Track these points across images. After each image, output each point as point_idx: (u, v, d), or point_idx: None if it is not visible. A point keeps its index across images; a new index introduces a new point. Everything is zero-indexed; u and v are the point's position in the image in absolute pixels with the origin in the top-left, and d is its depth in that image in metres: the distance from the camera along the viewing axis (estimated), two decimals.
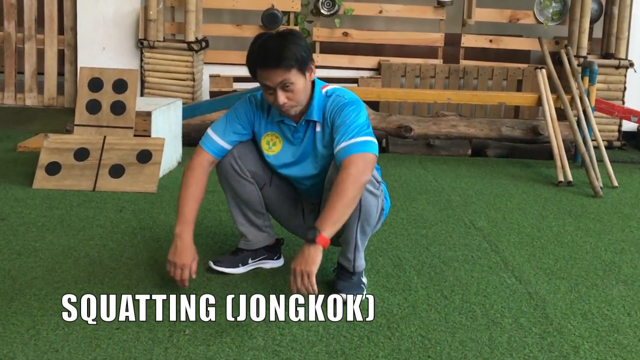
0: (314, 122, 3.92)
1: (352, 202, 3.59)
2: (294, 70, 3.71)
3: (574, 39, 8.19)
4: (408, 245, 4.80)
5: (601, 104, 7.54)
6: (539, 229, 5.25)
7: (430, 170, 6.93)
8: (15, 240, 4.63)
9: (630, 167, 7.45)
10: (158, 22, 8.19)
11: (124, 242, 4.66)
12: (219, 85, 8.05)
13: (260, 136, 4.03)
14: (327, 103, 3.87)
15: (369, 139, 3.72)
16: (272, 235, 4.30)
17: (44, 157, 5.88)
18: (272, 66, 3.69)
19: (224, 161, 4.03)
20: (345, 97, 3.87)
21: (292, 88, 3.73)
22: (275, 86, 3.72)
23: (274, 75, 3.70)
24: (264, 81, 3.75)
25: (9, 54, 8.95)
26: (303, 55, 3.73)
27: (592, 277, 4.38)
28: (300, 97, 3.79)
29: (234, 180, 4.06)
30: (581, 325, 3.72)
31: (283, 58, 3.67)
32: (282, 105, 3.76)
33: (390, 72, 8.60)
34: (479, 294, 4.07)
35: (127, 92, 6.09)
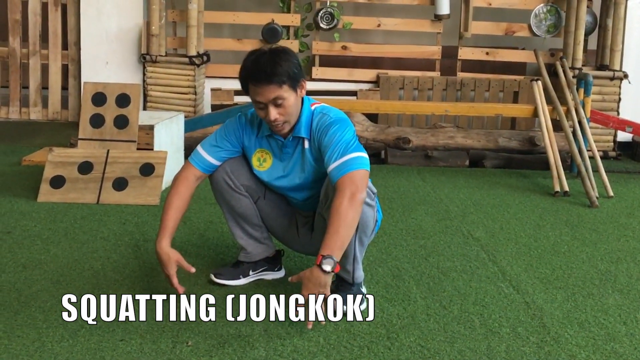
0: (302, 139, 3.95)
1: (354, 223, 3.63)
2: (285, 87, 3.74)
3: (569, 51, 8.23)
4: (407, 256, 4.83)
5: (596, 114, 7.60)
6: (536, 239, 5.28)
7: (429, 181, 6.96)
8: (21, 253, 4.65)
9: (625, 177, 7.50)
10: (160, 37, 8.22)
11: (128, 255, 4.69)
12: (220, 98, 8.07)
13: (251, 153, 4.07)
14: (314, 121, 3.90)
15: (359, 155, 3.74)
16: (272, 246, 4.33)
17: (48, 170, 5.92)
18: (264, 82, 3.72)
19: (218, 177, 4.08)
20: (330, 115, 3.89)
21: (284, 104, 3.76)
22: (267, 102, 3.75)
23: (266, 91, 3.73)
24: (255, 97, 3.79)
25: (13, 69, 8.98)
26: (295, 72, 3.76)
27: (588, 287, 4.41)
28: (291, 113, 3.83)
29: (229, 195, 4.11)
30: (578, 335, 3.75)
31: (275, 74, 3.71)
32: (274, 121, 3.79)
33: (389, 84, 8.64)
34: (477, 303, 4.10)
35: (130, 107, 6.12)
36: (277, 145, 4.00)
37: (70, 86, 9.03)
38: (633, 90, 8.41)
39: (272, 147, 4.03)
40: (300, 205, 4.22)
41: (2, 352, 3.37)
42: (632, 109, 8.40)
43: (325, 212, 3.88)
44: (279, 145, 3.99)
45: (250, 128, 4.03)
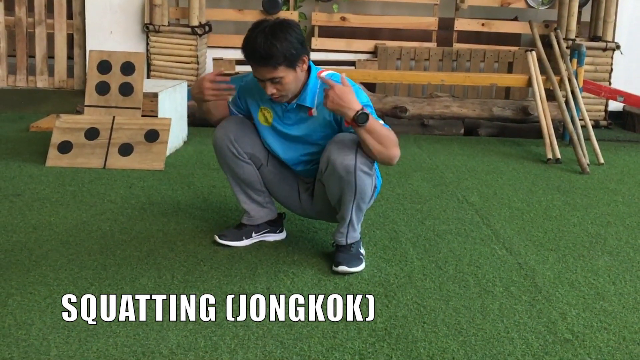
0: (306, 107, 4.00)
1: (385, 142, 3.74)
2: (281, 68, 3.78)
3: (563, 23, 8.31)
4: (404, 219, 4.91)
5: (589, 84, 7.68)
6: (529, 204, 5.37)
7: (425, 148, 7.05)
8: (31, 214, 4.74)
9: (616, 145, 7.61)
10: (163, 7, 8.28)
11: (134, 217, 4.77)
12: (222, 67, 8.09)
13: (257, 109, 4.14)
14: (323, 88, 3.90)
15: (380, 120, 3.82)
16: (274, 210, 4.40)
17: (56, 136, 5.99)
18: (259, 64, 3.79)
19: (222, 145, 4.14)
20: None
21: (281, 82, 3.82)
22: (264, 80, 3.83)
23: (262, 71, 3.81)
24: (254, 73, 3.88)
25: (20, 39, 9.05)
26: (292, 52, 3.77)
27: (579, 249, 4.51)
28: (289, 89, 3.88)
29: (233, 162, 4.17)
30: (568, 294, 3.84)
31: (270, 57, 3.74)
32: (271, 96, 3.87)
33: (386, 55, 8.69)
34: (472, 264, 4.20)
35: (134, 75, 6.18)
36: (281, 108, 4.05)
37: (76, 55, 9.13)
38: (625, 61, 8.54)
39: (274, 108, 4.07)
40: (301, 173, 4.28)
41: (15, 308, 3.46)
42: (624, 79, 8.51)
43: (324, 179, 3.96)
44: (282, 108, 4.05)
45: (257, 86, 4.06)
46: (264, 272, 3.99)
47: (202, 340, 3.25)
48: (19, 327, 3.30)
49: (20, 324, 3.33)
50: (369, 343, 3.28)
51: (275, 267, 4.06)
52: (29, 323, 3.33)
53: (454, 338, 3.35)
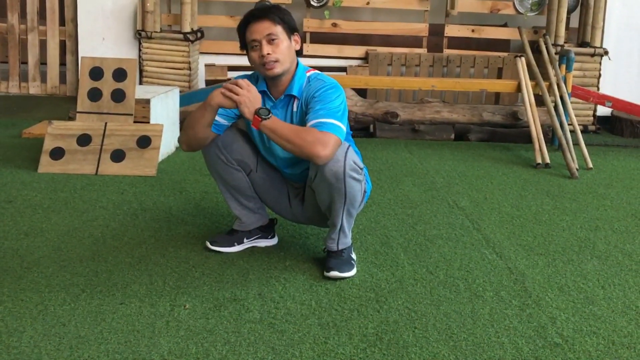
0: (293, 98, 4.01)
1: (300, 143, 3.72)
2: (279, 27, 3.89)
3: (552, 29, 8.34)
4: (395, 224, 4.92)
5: (577, 90, 7.71)
6: (518, 208, 5.39)
7: (416, 153, 7.05)
8: (22, 221, 4.73)
9: (604, 149, 7.63)
10: (155, 13, 8.29)
11: (126, 223, 4.76)
12: (214, 74, 8.14)
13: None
14: (310, 84, 3.98)
15: (339, 125, 3.79)
16: (265, 216, 4.41)
17: (48, 142, 5.99)
18: (259, 18, 3.88)
19: (211, 152, 4.14)
20: (325, 81, 3.98)
21: (277, 42, 3.88)
22: (261, 38, 3.87)
23: (261, 27, 3.88)
24: (251, 36, 3.91)
25: (12, 45, 9.07)
26: (290, 20, 3.95)
27: (568, 253, 4.52)
28: (283, 54, 3.91)
29: (222, 169, 4.18)
30: (558, 298, 3.85)
31: (270, 12, 3.90)
32: (266, 57, 3.87)
33: (377, 60, 8.71)
34: (462, 269, 4.20)
35: (126, 81, 6.19)
36: (270, 103, 4.06)
37: (68, 62, 9.13)
38: (613, 67, 8.58)
39: (265, 104, 4.04)
40: (290, 177, 4.29)
41: (6, 315, 3.45)
42: (612, 85, 8.57)
43: (314, 186, 3.97)
44: (271, 106, 4.04)
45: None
46: (255, 277, 3.99)
47: (194, 347, 3.25)
48: (10, 334, 3.30)
49: (11, 331, 3.32)
50: (360, 348, 3.28)
51: (267, 272, 4.06)
52: (20, 330, 3.33)
53: (445, 343, 3.36)
